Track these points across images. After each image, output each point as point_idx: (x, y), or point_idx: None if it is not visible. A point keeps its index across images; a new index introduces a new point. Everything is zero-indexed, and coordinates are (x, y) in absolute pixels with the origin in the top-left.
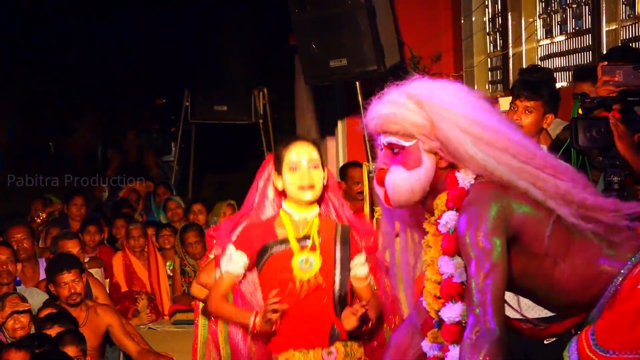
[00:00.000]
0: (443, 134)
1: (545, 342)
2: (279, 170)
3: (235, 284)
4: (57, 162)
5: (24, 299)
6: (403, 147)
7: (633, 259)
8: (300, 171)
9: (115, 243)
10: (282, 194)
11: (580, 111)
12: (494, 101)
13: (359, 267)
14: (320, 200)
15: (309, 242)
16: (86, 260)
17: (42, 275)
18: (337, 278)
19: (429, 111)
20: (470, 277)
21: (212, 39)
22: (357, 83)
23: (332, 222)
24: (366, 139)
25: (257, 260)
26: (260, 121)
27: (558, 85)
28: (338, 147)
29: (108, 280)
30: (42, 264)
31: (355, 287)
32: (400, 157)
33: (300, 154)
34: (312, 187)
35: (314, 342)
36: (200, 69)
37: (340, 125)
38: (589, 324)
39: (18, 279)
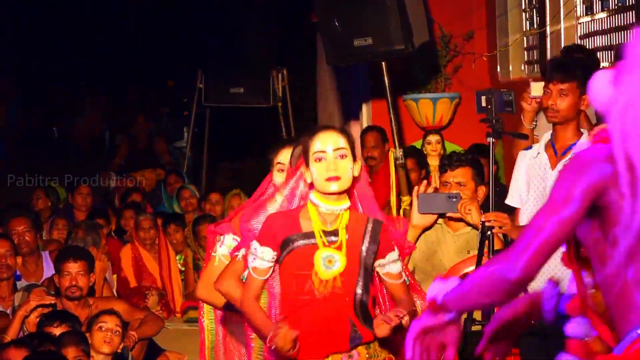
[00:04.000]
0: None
1: None
2: (306, 162)
3: (269, 283)
4: (60, 148)
5: (49, 293)
6: None
7: None
8: (326, 161)
9: (124, 235)
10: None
11: None
12: (526, 85)
13: (392, 264)
14: (350, 193)
15: (335, 239)
16: (92, 252)
17: (46, 270)
18: (361, 278)
19: None
20: (536, 214)
21: (228, 16)
22: (383, 63)
23: (363, 216)
24: (393, 123)
25: (280, 253)
26: (279, 104)
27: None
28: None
29: (116, 275)
30: (46, 257)
31: (388, 285)
32: None
33: (325, 142)
34: (337, 178)
35: (333, 348)
36: (215, 48)
37: (365, 108)
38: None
39: (18, 273)
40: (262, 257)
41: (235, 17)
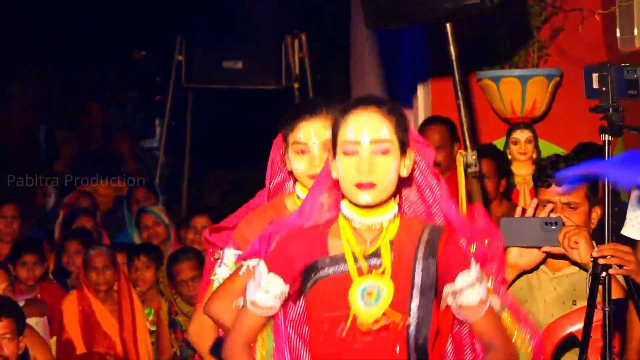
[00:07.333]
0: None
1: None
2: (334, 148)
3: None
4: None
5: None
6: None
7: None
8: (358, 157)
9: (67, 278)
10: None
11: None
12: None
13: (468, 290)
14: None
15: (377, 261)
16: (20, 304)
17: None
18: (416, 310)
19: None
20: None
21: None
22: (448, 25)
23: (416, 223)
24: (462, 112)
25: (303, 284)
26: (296, 86)
27: None
28: (418, 123)
29: (55, 337)
30: None
31: (469, 323)
32: None
33: (359, 129)
34: (371, 185)
35: None
36: (202, 5)
37: (421, 90)
38: None
39: None
40: (267, 288)
41: None
